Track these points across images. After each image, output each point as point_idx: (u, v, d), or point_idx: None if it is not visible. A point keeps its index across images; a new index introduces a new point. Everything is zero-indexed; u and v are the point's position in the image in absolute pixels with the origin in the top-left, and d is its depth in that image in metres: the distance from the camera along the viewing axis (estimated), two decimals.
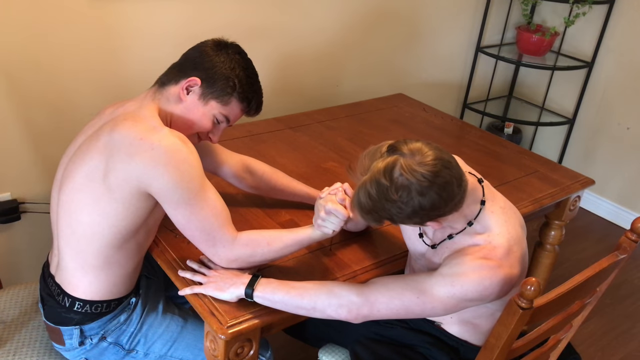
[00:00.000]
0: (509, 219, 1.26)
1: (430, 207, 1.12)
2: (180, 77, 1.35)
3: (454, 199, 1.14)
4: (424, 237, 1.37)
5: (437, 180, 1.10)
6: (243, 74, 1.36)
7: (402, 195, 1.10)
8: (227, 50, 1.36)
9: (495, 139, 2.27)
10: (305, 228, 1.37)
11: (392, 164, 1.11)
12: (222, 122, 1.39)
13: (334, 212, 1.30)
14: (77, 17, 1.90)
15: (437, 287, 1.20)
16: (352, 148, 2.10)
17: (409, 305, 1.21)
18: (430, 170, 1.09)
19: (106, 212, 1.27)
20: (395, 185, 1.10)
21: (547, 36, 3.05)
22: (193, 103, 1.35)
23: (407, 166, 1.09)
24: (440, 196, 1.11)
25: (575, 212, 2.08)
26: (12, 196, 2.02)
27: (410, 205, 1.11)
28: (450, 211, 1.17)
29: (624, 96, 3.11)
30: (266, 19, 2.35)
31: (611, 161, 3.24)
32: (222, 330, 1.23)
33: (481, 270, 1.17)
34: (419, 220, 1.15)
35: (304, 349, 2.21)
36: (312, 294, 1.25)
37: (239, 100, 1.37)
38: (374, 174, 1.12)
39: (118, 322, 1.42)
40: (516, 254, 1.22)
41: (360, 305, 1.23)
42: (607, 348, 2.38)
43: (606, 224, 3.29)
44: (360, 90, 2.85)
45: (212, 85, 1.34)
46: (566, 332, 1.43)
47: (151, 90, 1.38)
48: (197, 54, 1.36)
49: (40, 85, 1.92)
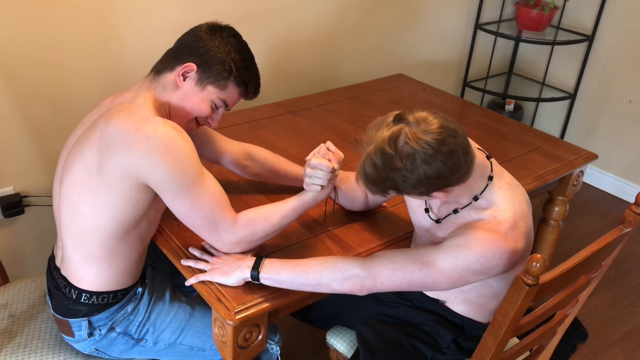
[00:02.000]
0: (515, 195, 1.25)
1: (435, 176, 1.11)
2: (175, 63, 1.33)
3: (460, 168, 1.13)
4: (430, 213, 1.37)
5: (442, 148, 1.09)
6: (239, 57, 1.34)
7: (406, 164, 1.09)
8: (221, 34, 1.34)
9: (496, 117, 2.25)
10: (297, 195, 1.39)
11: (397, 133, 1.10)
12: (221, 107, 1.38)
13: (317, 166, 1.32)
14: (72, 9, 1.88)
15: (440, 259, 1.20)
16: (353, 130, 2.09)
17: (411, 278, 1.21)
18: (435, 138, 1.09)
19: (106, 205, 1.27)
20: (400, 153, 1.09)
21: (547, 10, 3.02)
22: (190, 89, 1.33)
23: (412, 134, 1.09)
24: (446, 164, 1.10)
25: (579, 187, 2.07)
26: (15, 190, 2.02)
27: (415, 174, 1.10)
28: (457, 181, 1.16)
29: (625, 69, 3.09)
30: (261, 3, 2.33)
31: (614, 135, 3.23)
32: (230, 316, 1.24)
33: (485, 241, 1.17)
34: (425, 189, 1.14)
35: (311, 332, 2.23)
36: (316, 270, 1.26)
37: (236, 84, 1.35)
38: (379, 143, 1.11)
39: (125, 312, 1.43)
40: (521, 229, 1.22)
41: (363, 278, 1.23)
42: (613, 321, 2.39)
43: (610, 198, 3.29)
44: (359, 72, 2.83)
45: (208, 70, 1.32)
46: (572, 307, 1.43)
47: (147, 79, 1.37)
48: (191, 39, 1.34)
49: (38, 78, 1.91)
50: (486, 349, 1.21)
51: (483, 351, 1.22)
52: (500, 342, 1.18)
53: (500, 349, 1.20)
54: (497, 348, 1.19)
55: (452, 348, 1.42)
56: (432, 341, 1.43)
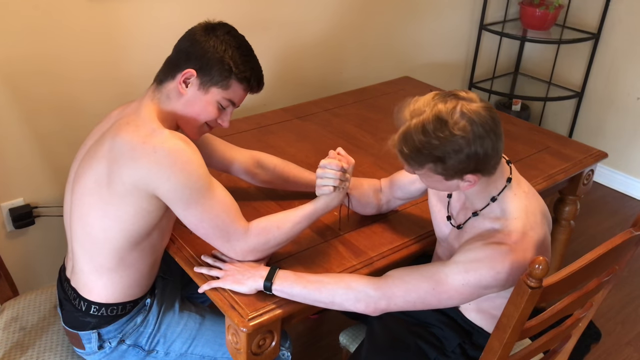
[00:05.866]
0: (530, 204, 1.26)
1: (483, 154, 1.14)
2: (175, 71, 1.32)
3: (498, 154, 1.17)
4: (451, 220, 1.37)
5: (496, 129, 1.14)
6: (237, 53, 1.31)
7: (465, 131, 1.11)
8: (215, 33, 1.32)
9: (504, 117, 2.24)
10: (310, 202, 1.38)
11: (454, 105, 1.13)
12: (228, 107, 1.36)
13: (327, 165, 1.32)
14: (76, 20, 1.89)
15: (452, 275, 1.20)
16: (360, 134, 2.09)
17: (425, 297, 1.22)
18: (492, 117, 1.13)
19: (117, 216, 1.27)
20: (458, 123, 1.12)
21: (551, 9, 3.01)
22: (194, 95, 1.31)
23: (469, 108, 1.12)
24: (494, 145, 1.14)
25: (589, 186, 2.06)
26: (25, 201, 2.02)
27: (468, 147, 1.12)
28: (492, 169, 1.19)
29: (632, 66, 3.07)
30: (265, 11, 2.33)
31: (622, 133, 3.21)
32: (243, 324, 1.23)
33: (493, 255, 1.18)
34: (465, 166, 1.15)
35: (322, 337, 2.22)
36: (329, 288, 1.26)
37: (239, 81, 1.32)
38: (435, 112, 1.13)
39: (135, 324, 1.42)
40: (532, 239, 1.21)
41: (377, 299, 1.24)
42: (626, 321, 2.37)
43: (620, 196, 3.27)
44: (365, 76, 2.82)
45: (208, 72, 1.30)
46: (586, 311, 1.41)
47: (150, 90, 1.36)
48: (187, 44, 1.32)
49: (45, 90, 1.92)
50: (492, 352, 1.20)
51: (489, 354, 1.21)
52: (506, 345, 1.17)
53: (506, 352, 1.19)
54: (502, 351, 1.18)
55: (457, 353, 1.42)
56: (437, 343, 1.43)
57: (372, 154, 1.94)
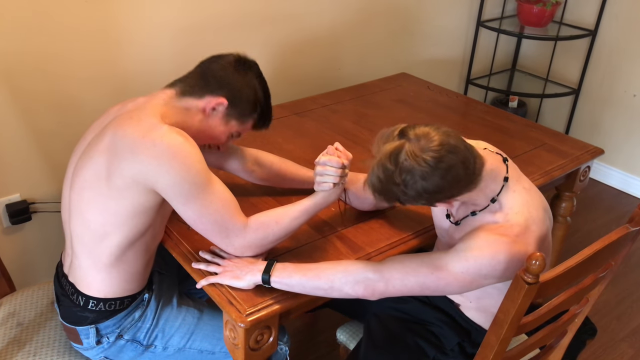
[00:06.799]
0: (531, 199, 1.26)
1: (434, 191, 1.14)
2: (204, 92, 1.35)
3: (460, 181, 1.16)
4: (450, 217, 1.38)
5: (440, 165, 1.12)
6: (263, 96, 1.40)
7: (406, 179, 1.13)
8: (248, 72, 1.38)
9: (501, 114, 2.25)
10: (308, 197, 1.40)
11: (399, 149, 1.14)
12: (236, 137, 1.45)
13: (327, 162, 1.34)
14: (73, 17, 1.88)
15: (452, 262, 1.21)
16: (358, 130, 2.09)
17: (423, 282, 1.22)
18: (433, 156, 1.12)
19: (116, 211, 1.27)
20: (400, 169, 1.13)
21: (549, 6, 3.01)
22: (215, 121, 1.37)
23: (411, 152, 1.13)
24: (444, 179, 1.13)
25: (586, 182, 2.07)
26: (22, 197, 2.02)
27: (414, 188, 1.14)
28: (460, 193, 1.19)
29: (629, 63, 3.08)
30: (263, 5, 2.33)
31: (619, 129, 3.22)
32: (241, 319, 1.23)
33: (495, 244, 1.18)
34: (425, 202, 1.18)
35: (320, 333, 2.23)
36: (328, 273, 1.26)
37: (257, 120, 1.42)
38: (382, 158, 1.16)
39: (133, 319, 1.43)
40: (534, 233, 1.22)
41: (376, 282, 1.24)
42: (622, 317, 2.39)
43: (616, 192, 3.28)
44: (362, 72, 2.82)
45: (236, 106, 1.36)
46: (582, 307, 1.42)
47: (166, 94, 1.35)
48: (220, 72, 1.36)
49: (41, 87, 1.91)
50: (489, 347, 1.21)
51: (486, 349, 1.22)
52: (503, 340, 1.17)
53: (503, 347, 1.20)
54: (499, 346, 1.19)
55: (455, 351, 1.42)
56: (436, 341, 1.43)
57: (369, 150, 1.93)
